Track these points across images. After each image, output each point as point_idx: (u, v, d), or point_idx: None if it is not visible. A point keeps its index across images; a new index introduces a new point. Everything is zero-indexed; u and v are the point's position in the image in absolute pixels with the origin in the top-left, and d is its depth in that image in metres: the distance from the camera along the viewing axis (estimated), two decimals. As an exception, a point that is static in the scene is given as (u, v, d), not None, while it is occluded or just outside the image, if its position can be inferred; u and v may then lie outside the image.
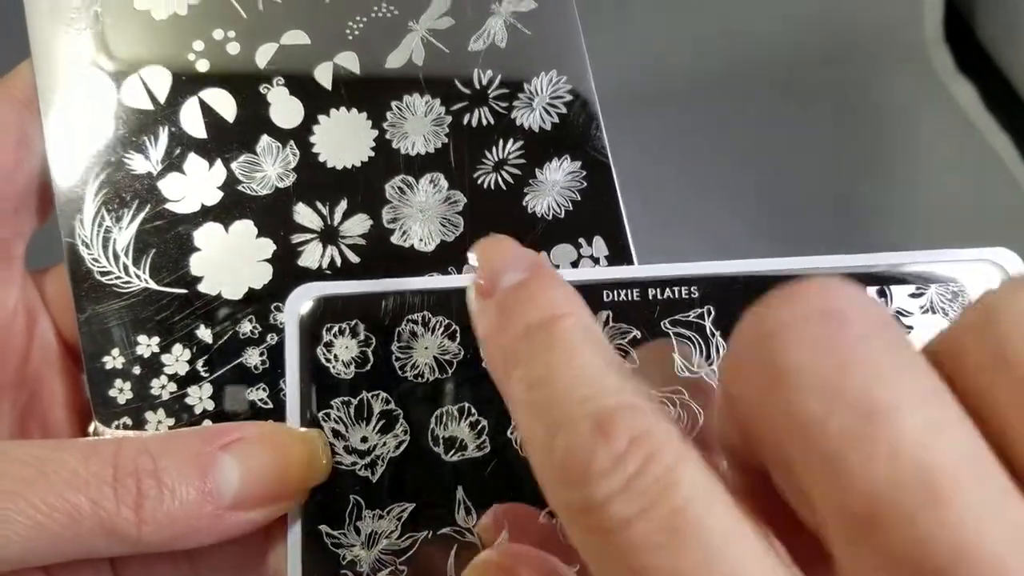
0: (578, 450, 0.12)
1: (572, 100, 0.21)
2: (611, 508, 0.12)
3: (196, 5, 0.21)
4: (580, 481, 0.12)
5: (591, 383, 0.13)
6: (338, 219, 0.21)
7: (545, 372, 0.13)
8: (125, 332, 0.20)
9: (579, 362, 0.13)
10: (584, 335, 0.14)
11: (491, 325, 0.15)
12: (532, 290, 0.15)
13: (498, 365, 0.15)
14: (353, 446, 0.19)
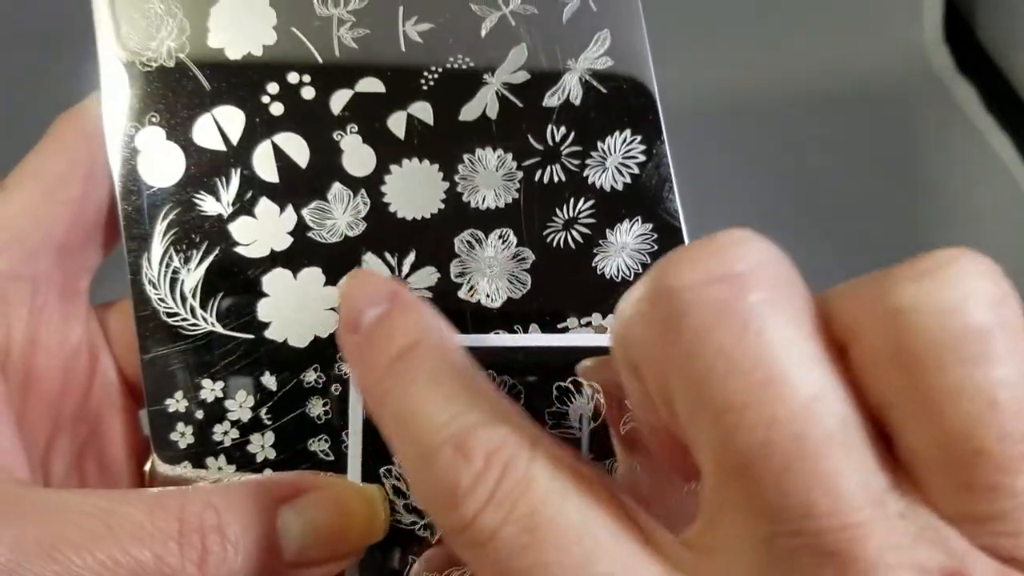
0: (444, 475, 0.13)
1: (645, 161, 0.21)
2: (479, 522, 0.13)
3: (271, 46, 0.21)
4: (451, 504, 0.13)
5: (446, 408, 0.14)
6: (406, 271, 0.20)
7: (407, 405, 0.14)
8: (189, 375, 0.20)
9: (434, 390, 0.14)
10: (438, 360, 0.15)
11: (359, 365, 0.15)
12: (393, 321, 0.15)
13: (370, 402, 0.15)
14: (413, 505, 0.19)
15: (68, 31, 0.22)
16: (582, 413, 0.20)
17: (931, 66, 0.49)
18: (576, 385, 0.20)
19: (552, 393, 0.20)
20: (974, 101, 0.48)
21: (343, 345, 0.16)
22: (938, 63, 0.49)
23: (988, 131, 0.47)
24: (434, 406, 0.14)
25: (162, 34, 0.21)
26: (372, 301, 0.16)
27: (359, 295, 0.16)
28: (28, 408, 0.20)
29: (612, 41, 0.21)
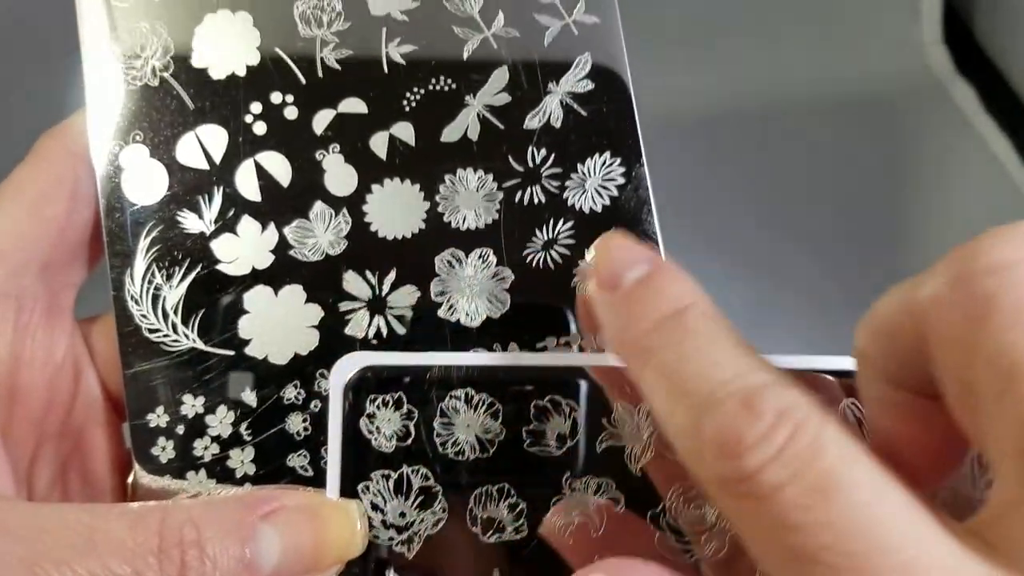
0: (729, 427, 0.14)
1: (624, 183, 0.21)
2: (764, 476, 0.13)
3: (255, 67, 0.21)
4: (733, 454, 0.13)
5: (729, 366, 0.15)
6: (386, 289, 0.21)
7: (681, 359, 0.15)
8: (170, 391, 0.20)
9: (714, 347, 0.15)
10: (712, 323, 0.15)
11: (620, 319, 0.16)
12: (658, 283, 0.16)
13: (630, 357, 0.16)
14: (391, 521, 0.19)
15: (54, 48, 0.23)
16: (559, 432, 0.20)
17: (930, 67, 0.49)
18: (554, 404, 0.20)
19: (530, 411, 0.20)
20: (973, 102, 0.48)
21: (595, 301, 0.17)
22: (937, 64, 0.49)
23: (987, 132, 0.47)
24: (715, 362, 0.15)
25: (147, 53, 0.21)
26: (633, 262, 0.17)
27: (619, 255, 0.17)
28: (13, 423, 0.20)
29: (593, 64, 0.21)
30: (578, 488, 0.20)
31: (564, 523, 0.19)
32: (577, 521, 0.19)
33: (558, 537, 0.19)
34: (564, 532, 0.19)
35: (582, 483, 0.20)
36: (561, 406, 0.20)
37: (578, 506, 0.19)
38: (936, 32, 0.50)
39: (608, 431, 0.20)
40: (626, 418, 0.19)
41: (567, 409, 0.20)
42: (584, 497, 0.19)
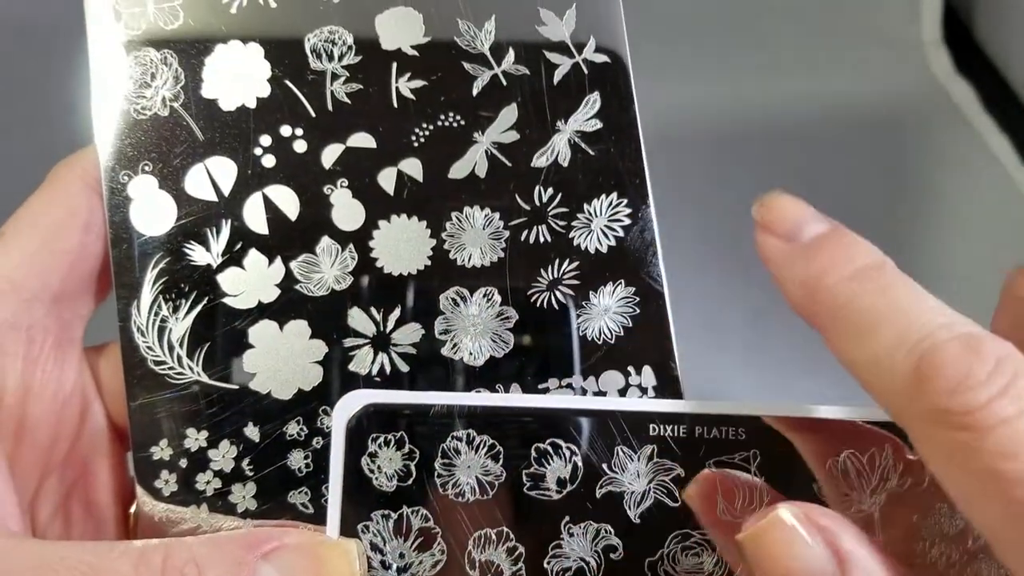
0: (956, 363, 0.15)
1: (630, 224, 0.21)
2: (991, 408, 0.14)
3: (265, 99, 0.21)
4: (957, 388, 0.14)
5: (944, 312, 0.16)
6: (391, 326, 0.21)
7: (894, 303, 0.16)
8: (174, 424, 0.20)
9: (922, 296, 0.16)
10: (911, 280, 0.17)
11: (809, 266, 0.17)
12: (847, 239, 0.17)
13: (814, 301, 0.17)
14: (390, 561, 0.19)
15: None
16: (560, 476, 0.20)
17: (930, 67, 0.49)
18: (554, 447, 0.20)
19: (531, 454, 0.20)
20: (973, 102, 0.48)
21: (769, 249, 0.18)
22: (937, 64, 0.49)
23: (987, 132, 0.47)
24: (930, 307, 0.16)
25: (157, 83, 0.21)
26: (810, 218, 0.18)
27: (795, 210, 0.18)
28: (19, 455, 0.20)
29: (602, 104, 0.21)
30: (576, 534, 0.20)
31: None
32: None
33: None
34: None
35: (581, 528, 0.20)
36: (562, 449, 0.20)
37: None
38: (936, 32, 0.50)
39: (608, 477, 0.20)
40: None
41: (568, 453, 0.20)
42: None
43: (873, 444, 0.20)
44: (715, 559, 0.20)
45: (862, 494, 0.20)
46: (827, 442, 0.20)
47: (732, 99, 0.47)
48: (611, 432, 0.20)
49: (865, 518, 0.20)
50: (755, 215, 0.18)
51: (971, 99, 0.48)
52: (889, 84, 0.48)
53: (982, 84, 0.48)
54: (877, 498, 0.20)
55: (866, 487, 0.20)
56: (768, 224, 0.18)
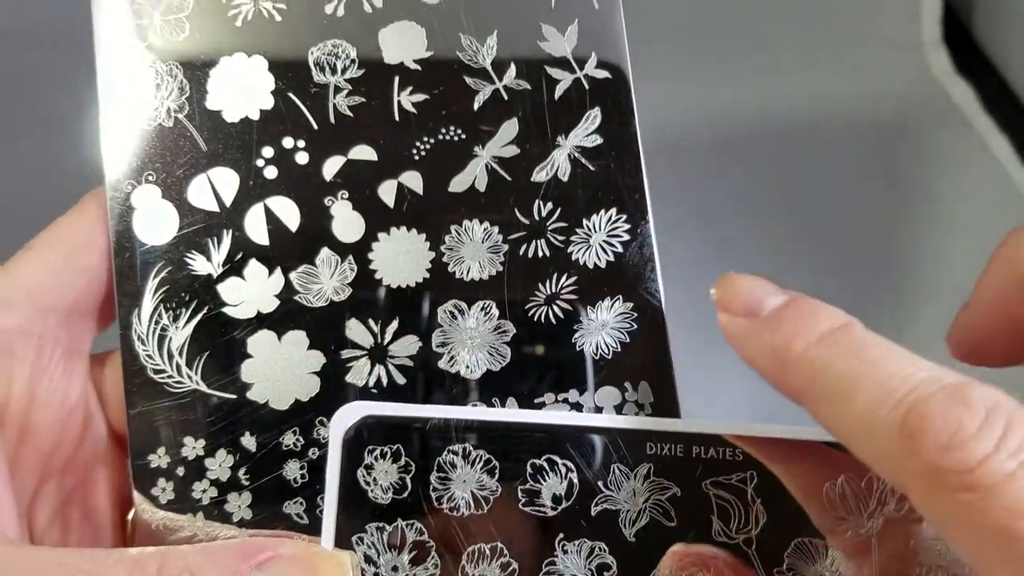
0: (941, 419, 0.14)
1: (629, 240, 0.21)
2: (991, 465, 0.14)
3: (268, 111, 0.21)
4: (950, 445, 0.14)
5: (922, 365, 0.15)
6: (388, 338, 0.21)
7: (867, 362, 0.15)
8: (172, 432, 0.20)
9: (898, 351, 0.16)
10: (872, 332, 0.16)
11: (775, 336, 0.17)
12: (809, 305, 0.17)
13: (788, 372, 0.17)
14: (383, 574, 0.19)
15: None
16: (555, 492, 0.20)
17: (929, 67, 0.49)
18: (550, 464, 0.20)
19: (527, 470, 0.20)
20: (972, 102, 0.48)
21: (732, 328, 0.18)
22: (936, 64, 0.49)
23: (986, 132, 0.47)
24: (910, 361, 0.15)
25: (162, 93, 0.21)
26: (768, 293, 0.18)
27: (751, 286, 0.18)
28: (20, 460, 0.20)
29: (602, 119, 0.21)
30: (571, 551, 0.20)
31: None
32: None
33: None
34: None
35: (575, 546, 0.20)
36: (558, 466, 0.20)
37: None
38: (936, 32, 0.50)
39: (603, 494, 0.20)
40: None
41: (563, 469, 0.20)
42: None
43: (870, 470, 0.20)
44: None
45: (859, 518, 0.19)
46: (824, 465, 0.19)
47: (731, 99, 0.47)
48: (607, 450, 0.20)
49: (862, 542, 0.19)
50: (713, 296, 0.18)
51: (971, 99, 0.48)
52: (889, 84, 0.48)
53: (982, 84, 0.48)
54: (874, 522, 0.19)
55: (863, 511, 0.19)
56: (727, 303, 0.18)
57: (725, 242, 0.43)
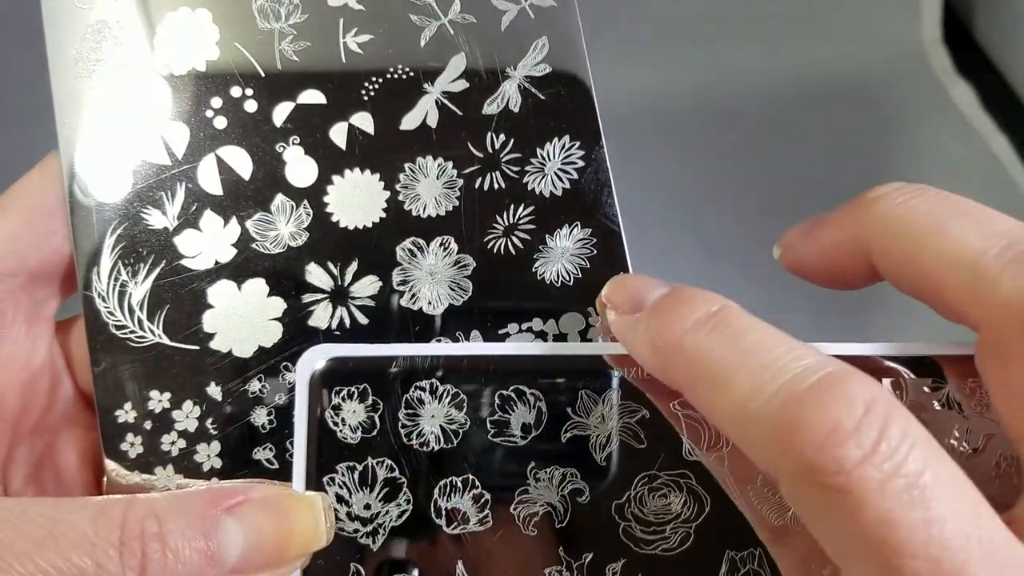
0: (817, 414, 0.13)
1: (584, 167, 0.21)
2: (866, 470, 0.13)
3: (215, 61, 0.21)
4: (827, 443, 0.13)
5: (799, 352, 0.14)
6: (348, 280, 0.21)
7: (744, 350, 0.15)
8: (138, 387, 0.20)
9: (776, 336, 0.15)
10: (751, 316, 0.15)
11: (651, 329, 0.16)
12: (684, 295, 0.16)
13: (672, 357, 0.16)
14: (356, 513, 0.19)
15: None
16: (524, 422, 0.20)
17: (930, 67, 0.49)
18: (518, 393, 0.20)
19: (495, 402, 0.20)
20: (972, 102, 0.48)
21: (617, 327, 0.17)
22: (937, 64, 0.49)
23: (987, 132, 0.47)
24: (784, 349, 0.14)
25: (109, 54, 0.21)
26: (652, 287, 0.17)
27: (634, 283, 0.17)
28: None
29: (550, 48, 0.21)
30: (543, 479, 0.19)
31: None
32: None
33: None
34: None
35: (547, 473, 0.19)
36: (525, 395, 0.20)
37: None
38: (936, 32, 0.50)
39: (572, 421, 0.20)
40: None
41: (531, 399, 0.20)
42: None
43: None
44: (683, 500, 0.19)
45: None
46: None
47: (731, 102, 0.47)
48: (574, 376, 0.20)
49: None
50: (602, 298, 0.18)
51: (971, 99, 0.48)
52: (889, 84, 0.48)
53: (982, 84, 0.48)
54: None
55: None
56: (615, 301, 0.18)
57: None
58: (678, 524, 0.19)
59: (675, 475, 0.19)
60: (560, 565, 0.19)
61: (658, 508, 0.19)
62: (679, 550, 0.19)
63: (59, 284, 0.21)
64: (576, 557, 0.19)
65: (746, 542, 0.19)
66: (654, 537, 0.19)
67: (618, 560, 0.19)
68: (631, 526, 0.19)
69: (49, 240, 0.21)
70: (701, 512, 0.19)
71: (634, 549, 0.19)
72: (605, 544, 0.19)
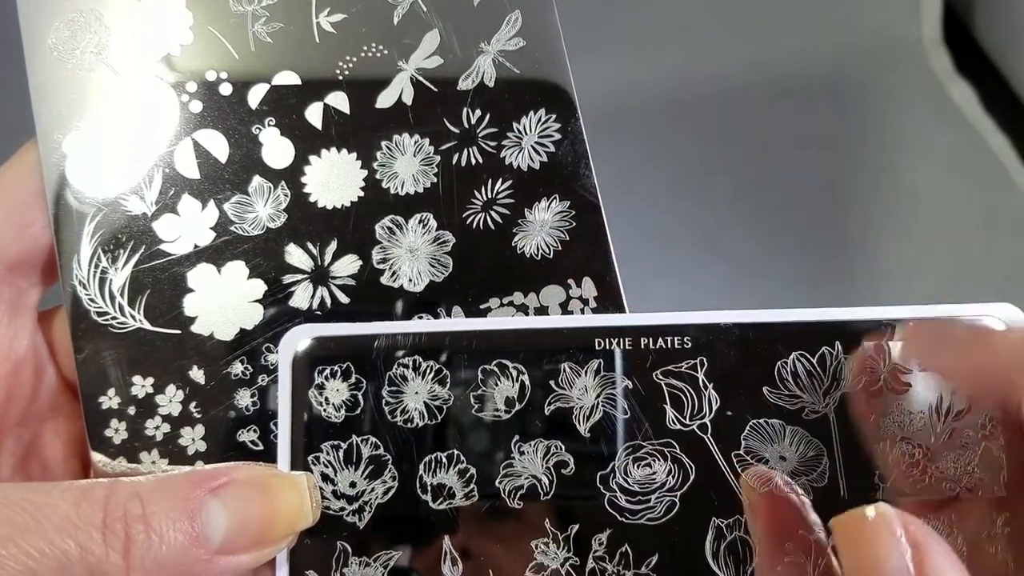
0: None
1: (561, 139, 0.21)
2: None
3: (188, 46, 0.21)
4: None
5: None
6: (328, 260, 0.21)
7: None
8: (120, 372, 0.20)
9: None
10: None
11: None
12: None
13: None
14: (342, 491, 0.19)
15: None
16: (508, 395, 0.20)
17: (930, 67, 0.49)
18: (501, 368, 0.20)
19: (478, 376, 0.20)
20: (973, 102, 0.48)
21: None
22: (937, 64, 0.49)
23: (987, 132, 0.47)
24: None
25: (85, 42, 0.21)
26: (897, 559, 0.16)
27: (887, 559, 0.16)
28: None
29: (523, 22, 0.21)
30: (527, 452, 0.19)
31: None
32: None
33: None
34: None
35: (531, 446, 0.19)
36: (508, 369, 0.20)
37: None
38: (936, 32, 0.50)
39: (556, 393, 0.20)
40: None
41: (514, 372, 0.20)
42: None
43: (823, 344, 0.20)
44: (667, 469, 0.19)
45: (815, 395, 0.19)
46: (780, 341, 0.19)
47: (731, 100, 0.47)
48: (556, 349, 0.20)
49: (820, 420, 0.19)
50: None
51: (971, 99, 0.48)
52: (889, 84, 0.48)
53: (982, 84, 0.48)
54: (831, 399, 0.19)
55: (819, 388, 0.19)
56: None
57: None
58: (663, 493, 0.19)
59: (659, 444, 0.19)
60: (546, 537, 0.19)
61: (643, 478, 0.19)
62: (665, 519, 0.19)
63: (40, 273, 0.21)
64: (562, 529, 0.19)
65: (732, 509, 0.19)
66: (639, 507, 0.19)
67: (604, 530, 0.19)
68: (616, 496, 0.19)
69: (28, 229, 0.21)
70: (686, 481, 0.19)
71: (620, 519, 0.19)
72: (591, 515, 0.19)
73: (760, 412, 0.19)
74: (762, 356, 0.19)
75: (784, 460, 0.19)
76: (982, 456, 0.19)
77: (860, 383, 0.19)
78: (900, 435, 0.19)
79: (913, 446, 0.19)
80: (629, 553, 0.19)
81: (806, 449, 0.19)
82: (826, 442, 0.19)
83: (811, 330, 0.20)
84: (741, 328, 0.19)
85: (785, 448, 0.19)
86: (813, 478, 0.19)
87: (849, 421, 0.19)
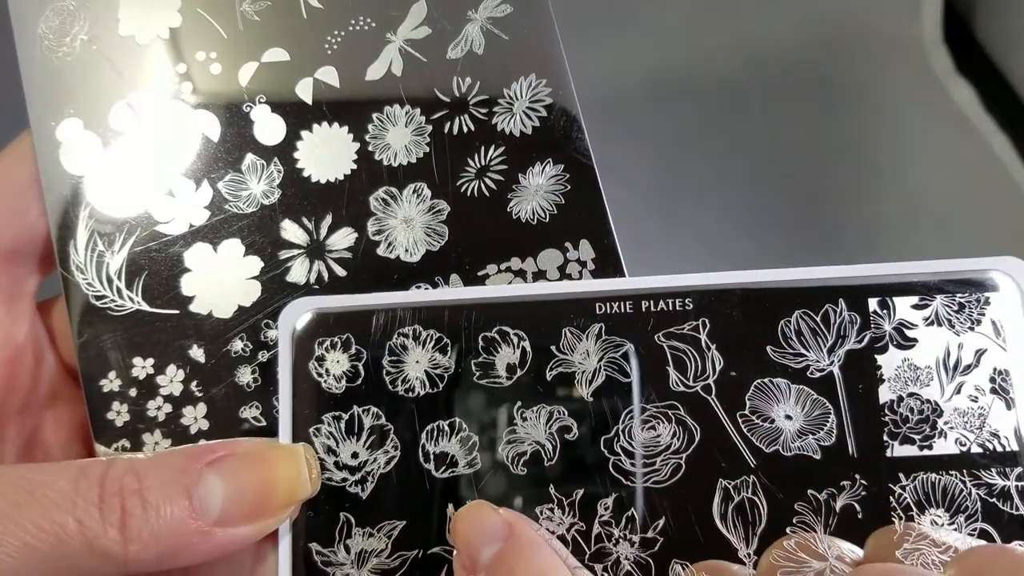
0: None
1: (552, 103, 0.20)
2: None
3: (177, 28, 0.21)
4: None
5: None
6: (324, 233, 0.21)
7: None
8: (120, 355, 0.20)
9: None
10: None
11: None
12: (511, 561, 0.17)
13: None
14: (344, 462, 0.19)
15: None
16: (509, 362, 0.19)
17: (930, 66, 0.48)
18: (502, 335, 0.19)
19: (479, 344, 0.19)
20: (973, 102, 0.48)
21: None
22: (937, 63, 0.49)
23: (987, 132, 0.47)
24: None
25: (75, 29, 0.21)
26: (488, 539, 0.18)
27: (473, 534, 0.18)
28: None
29: (510, -13, 0.21)
30: (530, 418, 0.19)
31: None
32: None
33: None
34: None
35: (534, 412, 0.19)
36: (509, 336, 0.19)
37: None
38: (936, 32, 0.49)
39: (557, 358, 0.19)
40: None
41: (515, 339, 0.19)
42: None
43: (827, 301, 0.19)
44: (672, 431, 0.19)
45: (819, 353, 0.19)
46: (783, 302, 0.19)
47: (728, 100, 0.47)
48: (557, 314, 0.19)
49: (825, 377, 0.19)
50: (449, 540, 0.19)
51: (972, 99, 0.47)
52: (889, 84, 0.47)
53: (982, 84, 0.48)
54: (836, 356, 0.19)
55: (823, 345, 0.19)
56: (457, 557, 0.18)
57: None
58: (668, 456, 0.19)
59: (663, 407, 0.19)
60: (552, 503, 0.19)
61: (647, 441, 0.19)
62: (671, 481, 0.19)
63: (37, 261, 0.21)
64: (567, 494, 0.19)
65: (739, 470, 0.19)
66: (645, 470, 0.19)
67: (610, 495, 0.19)
68: (620, 460, 0.19)
69: (24, 217, 0.21)
70: (691, 443, 0.19)
71: (625, 483, 0.19)
72: (595, 480, 0.19)
73: (764, 372, 0.19)
74: (765, 315, 0.19)
75: (790, 419, 0.19)
76: (995, 406, 0.19)
77: (864, 339, 0.19)
78: (905, 391, 0.19)
79: (916, 400, 0.19)
80: (635, 517, 0.19)
81: (812, 407, 0.19)
82: (832, 399, 0.19)
83: (813, 288, 0.19)
84: (743, 288, 0.19)
85: (791, 407, 0.19)
86: (820, 436, 0.19)
87: (855, 376, 0.19)
